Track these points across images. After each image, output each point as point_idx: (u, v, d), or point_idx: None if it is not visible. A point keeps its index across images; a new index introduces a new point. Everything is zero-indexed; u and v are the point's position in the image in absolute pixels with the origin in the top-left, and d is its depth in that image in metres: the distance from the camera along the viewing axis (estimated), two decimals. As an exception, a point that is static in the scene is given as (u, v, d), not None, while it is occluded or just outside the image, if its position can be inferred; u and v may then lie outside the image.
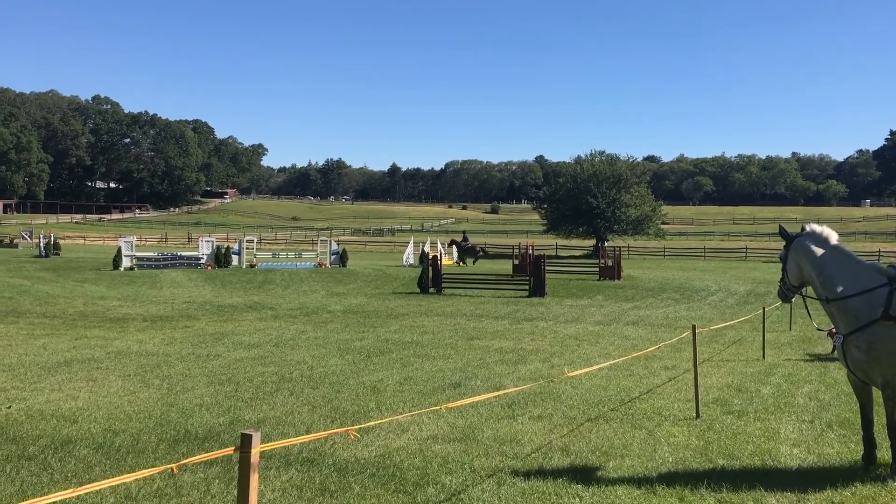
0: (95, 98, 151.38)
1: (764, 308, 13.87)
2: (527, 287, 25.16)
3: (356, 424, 7.25)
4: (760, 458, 6.69)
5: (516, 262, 37.82)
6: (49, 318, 17.28)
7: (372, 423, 6.54)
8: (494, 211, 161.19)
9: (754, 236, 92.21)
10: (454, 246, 45.23)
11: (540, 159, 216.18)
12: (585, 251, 67.90)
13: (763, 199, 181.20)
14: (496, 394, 7.72)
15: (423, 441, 7.03)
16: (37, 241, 52.91)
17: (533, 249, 36.43)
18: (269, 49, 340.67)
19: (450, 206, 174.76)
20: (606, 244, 64.14)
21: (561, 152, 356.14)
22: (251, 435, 2.88)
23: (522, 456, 6.63)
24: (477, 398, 6.92)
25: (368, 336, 14.80)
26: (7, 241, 63.70)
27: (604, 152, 74.48)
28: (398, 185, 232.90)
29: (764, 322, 13.25)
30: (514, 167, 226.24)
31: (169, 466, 2.96)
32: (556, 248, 67.13)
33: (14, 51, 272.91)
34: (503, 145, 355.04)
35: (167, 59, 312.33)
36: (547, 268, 26.38)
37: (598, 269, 34.31)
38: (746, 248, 66.95)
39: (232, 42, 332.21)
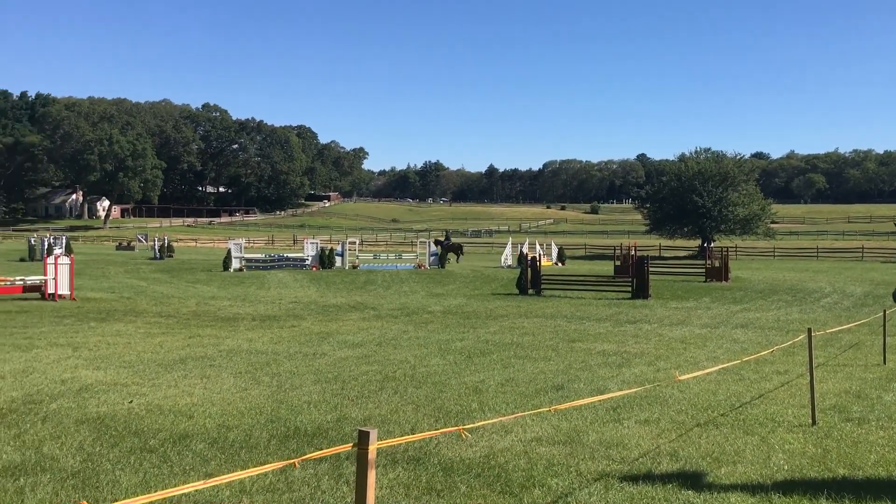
0: (205, 106, 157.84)
1: (884, 310, 13.13)
2: (629, 289, 24.69)
3: (460, 424, 7.28)
4: (885, 469, 6.33)
5: (618, 262, 37.24)
6: (164, 318, 18.08)
7: (477, 425, 6.54)
8: (594, 211, 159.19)
9: (871, 235, 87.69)
10: (438, 245, 47.04)
11: (642, 157, 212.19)
12: (690, 252, 66.19)
13: (881, 197, 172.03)
14: (601, 397, 7.59)
15: (527, 443, 6.99)
16: (152, 243, 55.65)
17: (635, 250, 35.75)
18: (369, 54, 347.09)
19: (548, 207, 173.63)
20: (713, 244, 62.35)
21: (664, 150, 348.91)
22: (369, 432, 2.93)
23: (630, 460, 6.50)
24: (581, 401, 6.83)
25: (469, 337, 14.84)
26: (125, 244, 67.25)
27: (709, 149, 72.62)
28: (495, 187, 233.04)
29: (885, 325, 12.53)
30: (614, 166, 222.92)
31: (291, 461, 3.04)
32: (660, 249, 65.61)
33: (130, 62, 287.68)
34: (603, 143, 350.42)
35: (272, 67, 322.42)
36: (650, 269, 25.82)
37: (704, 270, 33.34)
38: (863, 248, 63.74)
39: (333, 49, 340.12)
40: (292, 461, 3.07)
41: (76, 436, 7.03)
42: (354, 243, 45.15)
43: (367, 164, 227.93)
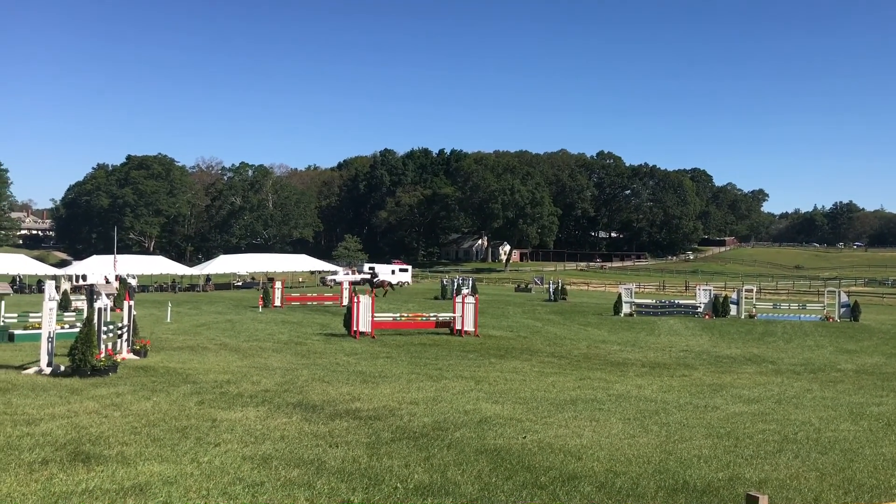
0: (599, 154, 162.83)
1: None
2: None
3: (876, 501, 6.39)
4: None
5: None
6: (557, 358, 18.80)
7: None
8: None
9: None
10: (366, 284, 52.64)
11: None
12: None
13: None
14: None
15: (965, 534, 5.88)
16: (547, 286, 58.52)
17: None
18: (765, 92, 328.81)
19: None
20: None
21: None
22: (758, 497, 2.70)
23: None
24: None
25: (888, 401, 13.03)
26: (523, 286, 71.69)
27: None
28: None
29: None
30: None
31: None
32: None
33: (531, 119, 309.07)
34: None
35: (665, 113, 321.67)
36: None
37: None
38: None
39: (727, 92, 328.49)
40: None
41: (475, 464, 7.57)
42: (751, 291, 42.74)
43: (767, 207, 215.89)
